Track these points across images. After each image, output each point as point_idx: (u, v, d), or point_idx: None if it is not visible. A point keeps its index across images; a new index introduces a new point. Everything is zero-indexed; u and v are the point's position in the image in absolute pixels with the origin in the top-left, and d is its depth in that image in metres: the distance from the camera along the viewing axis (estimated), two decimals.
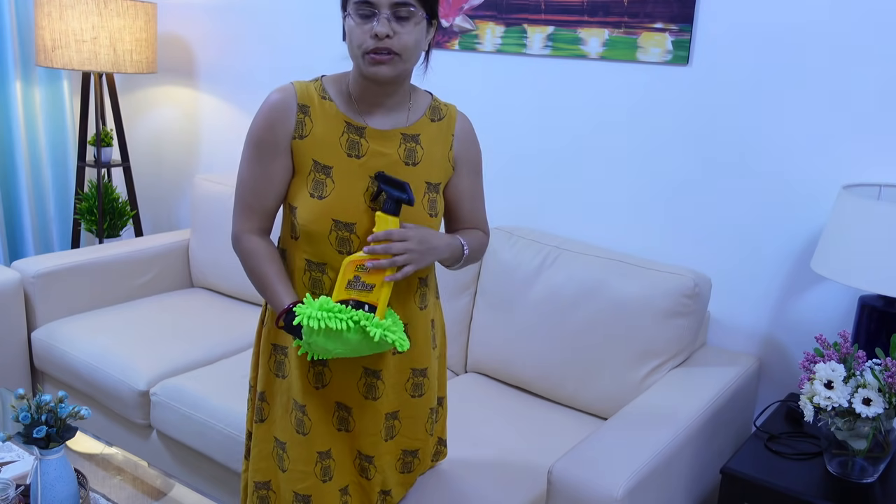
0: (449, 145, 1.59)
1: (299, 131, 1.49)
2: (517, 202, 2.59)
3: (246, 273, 1.57)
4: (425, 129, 1.56)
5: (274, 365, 1.62)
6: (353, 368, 1.57)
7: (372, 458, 1.63)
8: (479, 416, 2.14)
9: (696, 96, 2.21)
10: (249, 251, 1.54)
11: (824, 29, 1.99)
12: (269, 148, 1.49)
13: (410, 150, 1.53)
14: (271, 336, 1.62)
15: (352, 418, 1.61)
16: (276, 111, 1.49)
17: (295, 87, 1.51)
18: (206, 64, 3.33)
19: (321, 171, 1.48)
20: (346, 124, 1.50)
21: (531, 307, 2.24)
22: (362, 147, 1.50)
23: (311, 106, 1.50)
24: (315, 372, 1.57)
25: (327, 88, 1.52)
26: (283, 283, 1.52)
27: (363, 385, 1.59)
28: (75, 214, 3.43)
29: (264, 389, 1.64)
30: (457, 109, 1.64)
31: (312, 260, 1.52)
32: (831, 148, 2.03)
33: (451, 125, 1.60)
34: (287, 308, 1.46)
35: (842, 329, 1.85)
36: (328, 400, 1.59)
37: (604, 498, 1.56)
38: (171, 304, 2.88)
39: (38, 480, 1.49)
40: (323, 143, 1.49)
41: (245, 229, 1.55)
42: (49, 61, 3.01)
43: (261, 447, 1.66)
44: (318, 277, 1.52)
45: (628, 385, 2.09)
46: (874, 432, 1.64)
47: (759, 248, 2.18)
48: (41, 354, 2.65)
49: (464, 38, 2.58)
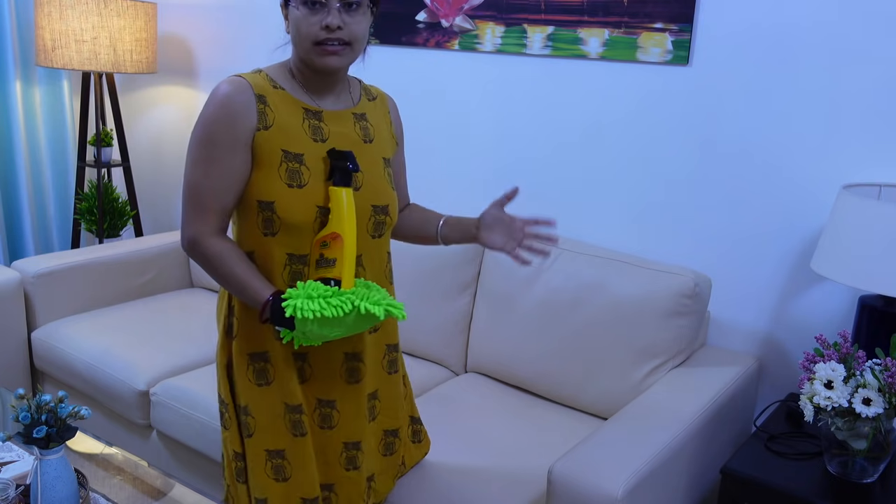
0: (388, 121, 1.64)
1: (263, 122, 1.44)
2: (517, 202, 2.58)
3: (213, 276, 1.49)
4: (367, 108, 1.60)
5: (254, 375, 1.54)
6: (334, 356, 1.56)
7: (359, 444, 1.61)
8: (479, 416, 2.14)
9: (696, 96, 2.21)
10: (213, 253, 1.47)
11: (824, 29, 1.99)
12: (226, 144, 1.43)
13: (364, 128, 1.56)
14: (245, 347, 1.54)
15: (336, 412, 1.58)
16: (234, 104, 1.42)
17: (247, 79, 1.46)
18: (206, 64, 3.33)
19: (293, 159, 1.45)
20: (304, 110, 1.49)
21: (531, 307, 2.24)
22: (324, 130, 1.50)
23: (268, 95, 1.46)
24: (295, 368, 1.55)
25: (274, 78, 1.50)
26: (258, 278, 1.46)
27: (345, 371, 1.57)
28: (75, 214, 3.43)
29: (247, 403, 1.56)
30: (382, 90, 1.69)
31: (295, 253, 1.48)
32: (831, 148, 2.04)
33: (384, 103, 1.66)
34: (270, 300, 1.41)
35: (842, 329, 1.85)
36: (310, 397, 1.58)
37: (604, 498, 1.56)
38: (172, 304, 2.88)
39: (38, 480, 1.49)
40: (287, 131, 1.46)
41: (204, 232, 1.47)
42: (49, 61, 3.01)
43: (253, 463, 1.58)
44: (299, 270, 1.49)
45: (628, 385, 2.09)
46: (874, 432, 1.64)
47: (759, 247, 2.18)
48: (41, 354, 2.65)
49: (464, 38, 2.58)
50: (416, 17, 2.66)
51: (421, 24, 2.66)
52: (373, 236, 1.55)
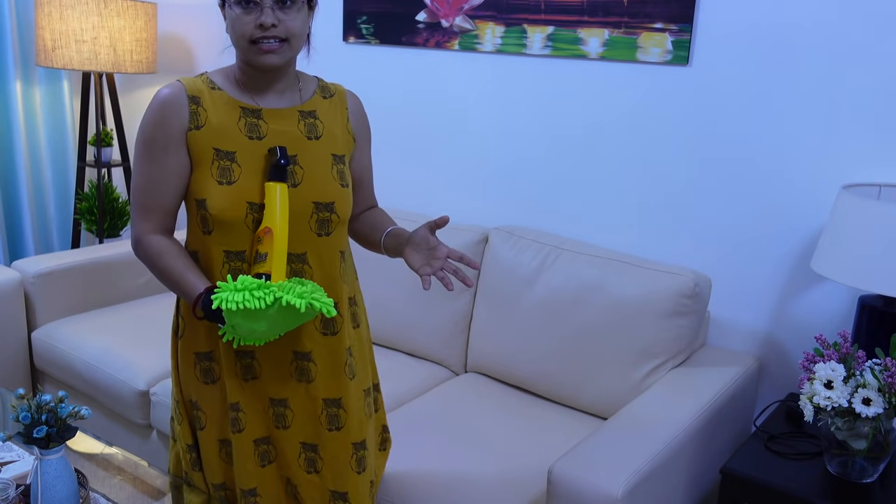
0: (346, 119, 1.62)
1: (194, 122, 1.47)
2: (517, 202, 2.59)
3: (155, 274, 1.52)
4: (319, 106, 1.58)
5: (200, 373, 1.60)
6: (283, 353, 1.56)
7: (316, 447, 1.61)
8: (479, 416, 2.14)
9: (696, 96, 2.21)
10: (153, 251, 1.50)
11: (824, 29, 1.99)
12: (160, 145, 1.46)
13: (310, 126, 1.55)
14: (191, 345, 1.59)
15: (289, 411, 1.59)
16: (166, 107, 1.46)
17: (183, 82, 1.50)
18: (206, 64, 3.33)
19: (224, 157, 1.47)
20: (241, 109, 1.50)
21: (531, 307, 2.24)
22: (262, 128, 1.50)
23: (202, 96, 1.49)
24: (243, 365, 1.56)
25: (214, 80, 1.53)
26: (194, 273, 1.48)
27: (295, 369, 1.58)
28: (75, 214, 3.43)
29: (196, 399, 1.62)
30: (344, 87, 1.67)
31: (231, 250, 1.49)
32: (831, 148, 2.04)
33: (342, 101, 1.63)
34: (201, 294, 1.44)
35: (842, 329, 1.85)
36: (261, 394, 1.58)
37: (604, 498, 1.56)
38: (171, 304, 2.87)
39: (38, 480, 1.48)
40: (220, 130, 1.48)
41: (146, 231, 1.51)
42: (49, 61, 3.01)
43: (207, 452, 1.65)
44: (237, 267, 1.50)
45: (628, 385, 2.09)
46: (874, 432, 1.64)
47: (759, 247, 2.18)
48: (41, 354, 2.65)
49: (464, 38, 2.58)
50: (416, 17, 2.66)
51: (421, 24, 2.66)
52: (318, 234, 1.54)
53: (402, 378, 2.35)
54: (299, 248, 1.51)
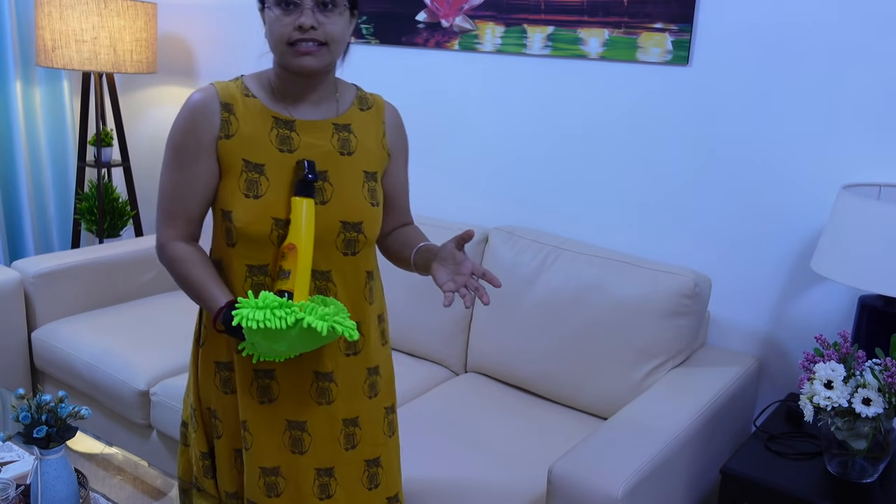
0: (382, 133, 1.56)
1: (225, 131, 1.42)
2: (517, 202, 2.59)
3: (177, 282, 1.48)
4: (355, 119, 1.52)
5: (220, 383, 1.55)
6: (303, 375, 1.51)
7: (332, 471, 1.55)
8: (479, 416, 2.14)
9: (696, 96, 2.21)
10: (177, 258, 1.46)
11: (824, 29, 1.99)
12: (191, 151, 1.42)
13: (344, 140, 1.49)
14: (212, 354, 1.55)
15: (307, 435, 1.53)
16: (198, 112, 1.42)
17: (216, 87, 1.45)
18: (206, 64, 3.33)
19: (253, 169, 1.42)
20: (273, 119, 1.44)
21: (531, 307, 2.24)
22: (294, 141, 1.45)
23: (235, 104, 1.44)
24: (260, 386, 1.50)
25: (249, 86, 1.48)
26: (217, 284, 1.43)
27: (315, 390, 1.52)
28: (75, 214, 3.43)
29: (215, 407, 1.57)
30: (383, 99, 1.60)
31: (254, 264, 1.45)
32: (831, 148, 2.04)
33: (380, 114, 1.56)
34: (223, 308, 1.39)
35: (842, 329, 1.85)
36: (277, 417, 1.52)
37: (604, 498, 1.56)
38: (171, 303, 2.88)
39: (38, 480, 1.48)
40: (251, 140, 1.43)
41: (170, 237, 1.47)
42: (49, 61, 3.01)
43: (222, 461, 1.60)
44: (260, 281, 1.45)
45: (628, 385, 2.09)
46: (874, 432, 1.64)
47: (758, 247, 2.18)
48: (41, 354, 2.65)
49: (464, 38, 2.58)
50: (416, 17, 2.66)
51: (421, 24, 2.66)
52: (344, 253, 1.48)
53: (402, 378, 2.33)
54: (324, 266, 1.46)
